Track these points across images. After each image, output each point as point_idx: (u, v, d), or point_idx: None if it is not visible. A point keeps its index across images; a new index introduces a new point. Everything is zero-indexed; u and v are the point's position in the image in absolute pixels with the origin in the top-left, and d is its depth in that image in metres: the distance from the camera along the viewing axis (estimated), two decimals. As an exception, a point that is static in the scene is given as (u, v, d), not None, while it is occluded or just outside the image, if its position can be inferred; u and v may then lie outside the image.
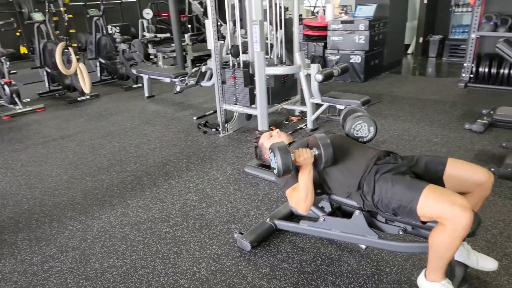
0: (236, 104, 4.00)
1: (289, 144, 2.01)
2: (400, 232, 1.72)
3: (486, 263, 1.75)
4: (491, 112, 3.86)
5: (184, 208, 2.59)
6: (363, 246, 1.99)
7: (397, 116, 4.15)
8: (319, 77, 3.48)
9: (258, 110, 3.85)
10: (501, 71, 4.92)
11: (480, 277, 1.79)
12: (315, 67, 3.58)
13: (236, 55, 3.87)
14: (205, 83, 4.79)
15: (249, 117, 4.18)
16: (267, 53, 4.05)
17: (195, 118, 4.54)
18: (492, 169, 2.66)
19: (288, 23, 4.21)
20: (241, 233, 2.15)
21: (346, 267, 1.92)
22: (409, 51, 8.20)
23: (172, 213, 2.54)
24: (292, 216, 2.33)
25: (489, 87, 5.04)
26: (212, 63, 4.01)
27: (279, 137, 2.06)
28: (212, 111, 4.70)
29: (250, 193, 2.73)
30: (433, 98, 4.79)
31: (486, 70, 5.06)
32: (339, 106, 3.59)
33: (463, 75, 5.33)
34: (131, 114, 4.89)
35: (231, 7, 3.77)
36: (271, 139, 2.06)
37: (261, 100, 3.79)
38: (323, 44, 6.25)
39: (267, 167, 2.15)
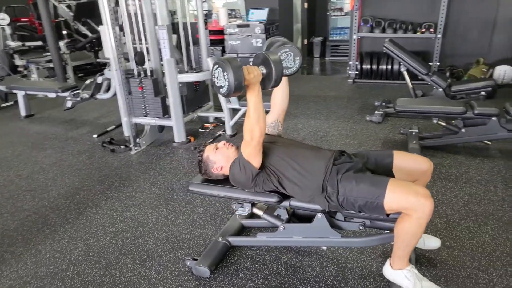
0: (146, 116, 3.70)
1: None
2: (361, 228, 1.80)
3: (431, 242, 1.95)
4: (383, 103, 4.41)
5: (115, 242, 2.26)
6: (324, 248, 2.03)
7: (306, 114, 4.39)
8: (237, 82, 3.44)
9: (173, 121, 3.62)
10: (381, 67, 5.65)
11: (426, 255, 1.99)
12: (229, 72, 3.53)
13: (141, 62, 3.57)
14: (102, 96, 4.33)
15: (161, 129, 3.91)
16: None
17: (95, 136, 4.05)
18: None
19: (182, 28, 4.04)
20: (195, 259, 1.97)
21: (311, 271, 1.92)
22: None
23: (101, 251, 2.19)
24: (243, 230, 2.24)
25: (372, 81, 5.74)
26: (113, 73, 3.62)
27: (227, 148, 1.95)
28: (113, 126, 4.27)
29: (188, 212, 2.54)
30: (331, 95, 5.23)
31: (368, 66, 5.75)
32: (257, 110, 3.60)
33: (350, 72, 5.95)
34: (9, 139, 4.11)
35: (113, 11, 3.39)
36: (218, 152, 1.94)
37: (176, 110, 3.58)
38: (221, 48, 6.26)
39: (214, 182, 2.01)
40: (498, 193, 2.53)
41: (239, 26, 6.05)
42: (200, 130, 4.08)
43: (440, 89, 3.81)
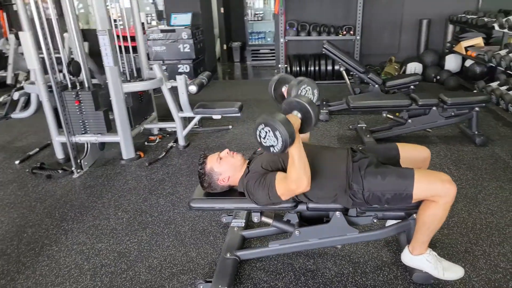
0: (85, 133, 3.30)
1: (249, 163, 1.85)
2: (374, 220, 1.87)
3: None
4: (324, 102, 4.67)
5: (99, 280, 1.96)
6: (339, 246, 2.06)
7: (254, 118, 4.40)
8: (194, 88, 3.30)
9: (120, 136, 3.30)
10: (309, 68, 5.97)
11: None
12: (182, 78, 3.37)
13: (77, 73, 3.18)
14: (18, 115, 3.74)
15: (102, 146, 3.53)
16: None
17: (17, 162, 3.47)
18: (360, 148, 3.22)
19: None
20: (208, 281, 1.82)
21: (329, 272, 1.93)
22: (216, 57, 8.82)
23: (85, 293, 1.88)
24: (245, 241, 2.15)
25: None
26: (38, 87, 3.16)
27: (233, 157, 1.85)
28: (37, 149, 3.72)
29: (172, 232, 2.34)
30: (270, 98, 5.33)
31: (297, 69, 6.03)
32: (215, 116, 3.51)
33: (280, 75, 6.16)
34: None
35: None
36: (223, 162, 1.83)
37: (123, 124, 3.27)
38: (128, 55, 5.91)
39: (217, 195, 1.90)
40: (454, 173, 2.88)
41: (163, 31, 5.81)
42: (146, 143, 3.80)
43: (376, 86, 4.18)
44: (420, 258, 1.77)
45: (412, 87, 4.14)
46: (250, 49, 8.42)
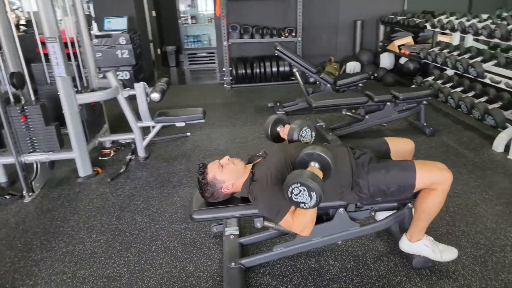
0: (34, 151, 3.00)
1: (252, 166, 1.85)
2: (372, 213, 1.99)
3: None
4: (278, 104, 4.79)
5: (93, 311, 1.81)
6: (340, 242, 2.13)
7: (210, 124, 4.35)
8: (157, 95, 3.17)
9: (76, 152, 3.05)
10: (255, 70, 6.05)
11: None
12: (141, 86, 3.22)
13: (20, 85, 2.88)
14: None
15: (52, 165, 3.24)
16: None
17: None
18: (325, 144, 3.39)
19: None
20: (220, 294, 1.78)
21: (333, 268, 2.01)
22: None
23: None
24: (243, 248, 2.13)
25: (249, 85, 6.11)
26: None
27: (234, 164, 1.84)
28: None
29: (161, 249, 2.23)
30: (219, 102, 5.33)
31: (243, 71, 6.09)
32: (178, 124, 3.41)
33: (225, 78, 6.18)
34: None
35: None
36: (225, 170, 1.81)
37: (78, 139, 3.03)
38: (77, 63, 5.50)
39: (218, 204, 1.86)
40: (415, 163, 3.15)
41: (98, 36, 5.48)
42: (100, 158, 3.55)
43: (328, 85, 4.41)
44: (418, 244, 1.92)
45: (360, 85, 4.44)
46: (187, 53, 8.28)
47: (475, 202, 2.54)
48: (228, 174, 1.81)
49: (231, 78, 6.14)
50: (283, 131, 2.13)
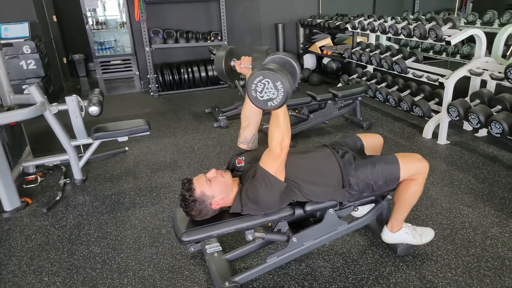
0: None
1: (240, 180, 1.75)
2: (355, 210, 2.04)
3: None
4: (216, 109, 4.67)
5: None
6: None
7: (148, 136, 4.04)
8: (96, 109, 2.83)
9: None
10: (183, 76, 5.85)
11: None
12: (74, 99, 2.86)
13: None
14: None
15: (-33, 201, 2.70)
16: None
17: None
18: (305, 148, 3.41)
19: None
20: (222, 319, 1.65)
21: (325, 270, 2.00)
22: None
23: None
24: (231, 264, 2.01)
25: (178, 92, 5.87)
26: None
27: (223, 176, 1.72)
28: None
29: (135, 280, 1.99)
30: (150, 111, 5.01)
31: (170, 77, 5.84)
32: (121, 139, 3.09)
33: (150, 86, 5.87)
34: None
35: None
36: (213, 183, 1.69)
37: (1, 166, 2.57)
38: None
39: (207, 221, 1.73)
40: (363, 156, 3.33)
41: (-4, 45, 4.74)
42: (25, 186, 3.07)
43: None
44: (400, 233, 2.02)
45: (296, 85, 4.55)
46: (99, 61, 7.64)
47: (426, 187, 2.76)
48: (218, 188, 1.69)
49: (157, 85, 5.85)
50: (239, 64, 1.80)
